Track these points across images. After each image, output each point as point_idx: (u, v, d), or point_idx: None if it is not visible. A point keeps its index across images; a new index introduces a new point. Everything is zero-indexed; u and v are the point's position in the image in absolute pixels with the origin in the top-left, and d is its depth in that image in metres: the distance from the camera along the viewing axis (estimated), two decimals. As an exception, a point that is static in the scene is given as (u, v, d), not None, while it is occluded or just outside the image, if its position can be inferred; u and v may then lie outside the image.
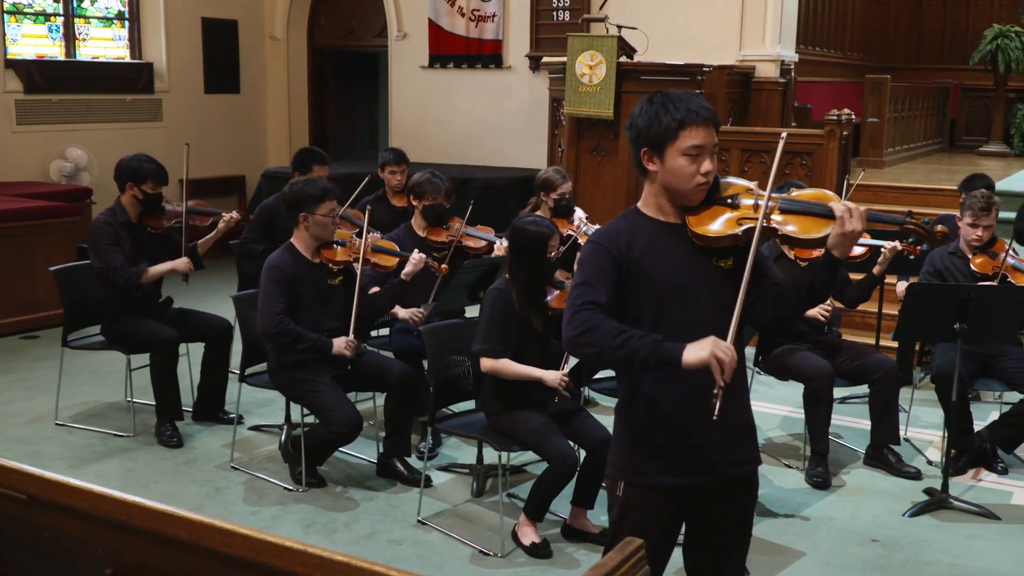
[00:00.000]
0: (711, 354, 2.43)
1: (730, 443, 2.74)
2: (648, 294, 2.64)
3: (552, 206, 6.04)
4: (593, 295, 2.60)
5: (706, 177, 2.61)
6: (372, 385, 5.14)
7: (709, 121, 2.61)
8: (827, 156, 7.77)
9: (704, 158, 2.60)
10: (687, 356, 2.46)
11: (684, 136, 2.58)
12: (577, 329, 2.57)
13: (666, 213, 2.69)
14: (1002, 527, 4.67)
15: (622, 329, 2.54)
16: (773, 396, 6.33)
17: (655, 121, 2.60)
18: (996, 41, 12.01)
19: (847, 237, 2.55)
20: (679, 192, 2.64)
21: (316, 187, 4.88)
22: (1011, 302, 4.85)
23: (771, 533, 4.53)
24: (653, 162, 2.64)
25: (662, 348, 2.50)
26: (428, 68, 11.19)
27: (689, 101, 2.61)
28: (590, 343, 2.56)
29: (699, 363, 2.45)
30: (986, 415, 5.68)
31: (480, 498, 4.88)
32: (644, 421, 2.73)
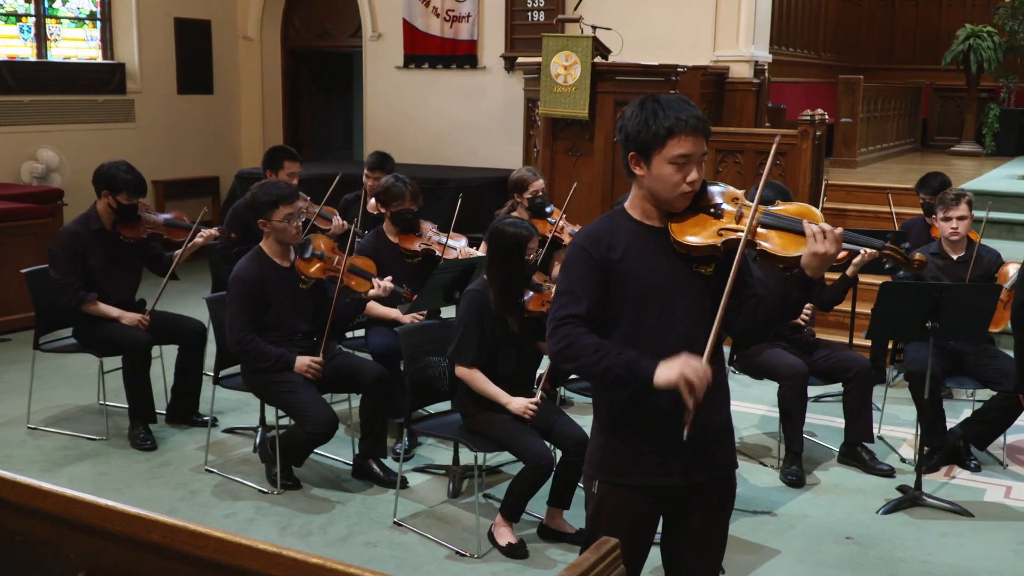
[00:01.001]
0: (680, 375, 2.49)
1: (708, 446, 2.75)
2: (627, 295, 2.65)
3: (527, 205, 6.05)
4: (575, 307, 2.63)
5: (691, 186, 2.62)
6: (347, 386, 5.13)
7: (698, 130, 2.60)
8: (801, 156, 7.82)
9: (691, 167, 2.60)
10: (658, 377, 2.53)
11: (672, 144, 2.58)
12: (559, 344, 2.63)
13: (650, 217, 2.70)
14: (975, 524, 4.72)
15: (599, 346, 2.59)
16: (748, 395, 6.36)
17: (644, 127, 2.61)
18: (968, 41, 12.14)
19: (820, 258, 2.55)
20: (663, 199, 2.65)
21: (271, 193, 4.84)
22: (982, 300, 4.90)
23: (746, 531, 4.56)
24: (640, 167, 2.65)
25: (635, 368, 2.55)
26: (403, 68, 11.17)
27: (680, 109, 2.60)
28: (570, 358, 2.63)
29: (669, 385, 2.51)
30: (959, 412, 5.74)
31: (456, 499, 4.88)
32: (621, 422, 2.75)
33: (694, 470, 2.74)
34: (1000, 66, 12.35)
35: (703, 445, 2.73)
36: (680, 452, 2.70)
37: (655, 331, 2.64)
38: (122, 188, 5.47)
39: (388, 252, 5.64)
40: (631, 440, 2.73)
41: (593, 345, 2.59)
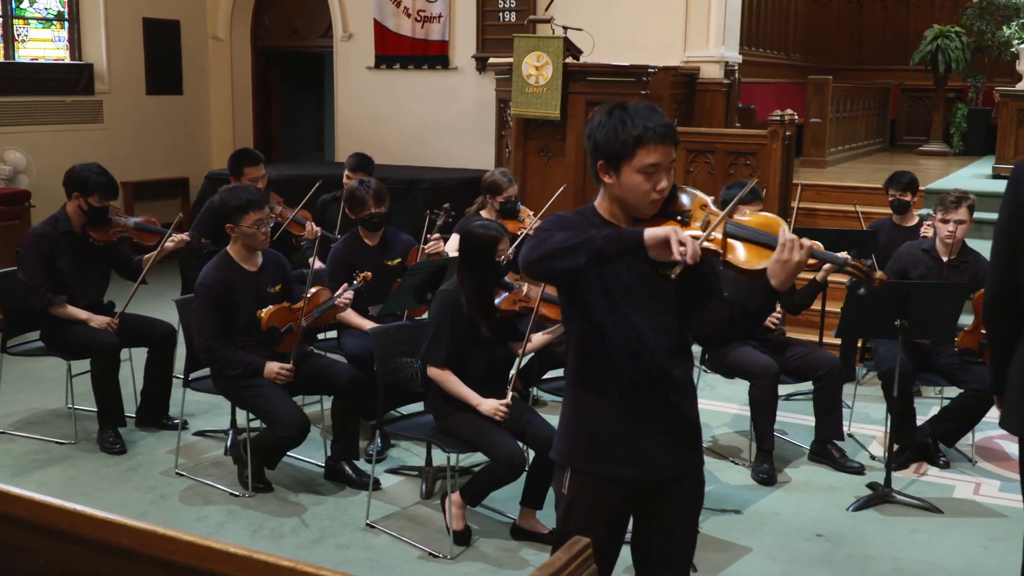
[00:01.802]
0: (674, 230, 2.44)
1: (675, 443, 2.77)
2: (590, 293, 2.67)
3: (498, 208, 6.05)
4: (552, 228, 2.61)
5: (660, 194, 2.63)
6: (319, 388, 5.12)
7: (667, 139, 2.60)
8: (770, 156, 7.88)
9: (660, 175, 2.60)
10: (648, 234, 2.46)
11: (641, 154, 2.58)
12: (534, 241, 2.57)
13: (618, 219, 2.72)
14: (944, 520, 4.77)
15: (577, 235, 2.53)
16: (719, 394, 6.40)
17: (613, 136, 2.60)
18: (936, 42, 12.26)
19: (785, 266, 2.51)
20: (632, 207, 2.66)
21: (240, 198, 4.81)
22: (950, 298, 4.96)
23: (718, 529, 4.59)
24: (609, 175, 2.65)
25: (621, 234, 2.49)
26: (374, 69, 11.15)
27: (648, 118, 2.60)
28: (546, 252, 2.53)
29: (658, 238, 2.44)
30: (927, 410, 5.80)
31: (429, 500, 4.88)
32: (590, 414, 2.76)
33: (661, 466, 2.75)
34: (968, 66, 12.50)
35: (671, 442, 2.75)
36: (649, 447, 2.72)
37: (619, 332, 2.65)
38: (94, 190, 5.43)
39: (364, 255, 5.62)
40: (601, 430, 2.74)
41: (571, 234, 2.53)
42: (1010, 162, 9.48)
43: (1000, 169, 9.45)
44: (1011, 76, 11.78)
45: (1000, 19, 12.34)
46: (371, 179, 5.67)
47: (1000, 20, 12.32)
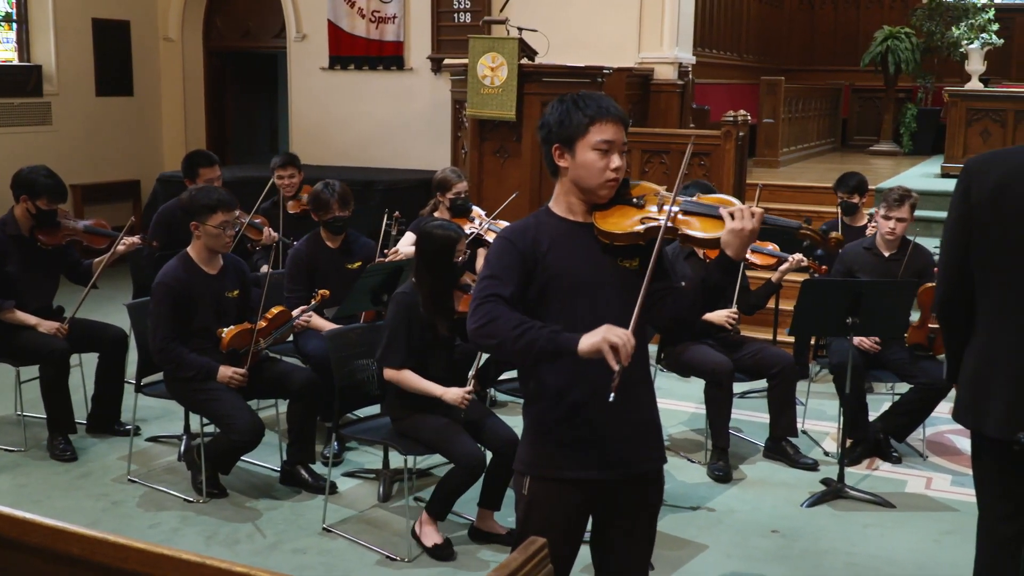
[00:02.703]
0: (603, 339, 2.47)
1: (636, 440, 2.79)
2: (553, 291, 2.69)
3: (449, 205, 6.05)
4: (498, 288, 2.64)
5: (615, 173, 2.68)
6: (274, 392, 5.08)
7: (619, 119, 2.69)
8: (724, 156, 7.95)
9: (613, 153, 2.68)
10: (582, 344, 2.51)
11: (594, 131, 2.66)
12: (479, 321, 2.60)
13: (575, 212, 2.74)
14: (896, 515, 4.84)
15: (521, 321, 2.58)
16: (676, 392, 6.44)
17: (566, 117, 2.68)
18: (886, 43, 12.44)
19: (739, 235, 2.61)
20: (589, 188, 2.70)
21: (211, 197, 4.78)
22: (900, 296, 5.04)
23: (675, 527, 4.62)
24: (564, 158, 2.70)
25: (558, 338, 2.54)
26: (328, 70, 11.09)
27: (600, 100, 2.70)
28: (490, 334, 2.59)
29: (593, 349, 2.49)
30: (879, 406, 5.88)
31: (387, 503, 4.87)
32: (550, 416, 2.77)
33: (623, 464, 2.77)
34: (917, 67, 12.69)
35: (632, 440, 2.77)
36: (610, 446, 2.74)
37: (583, 326, 2.66)
38: (42, 193, 5.35)
39: (326, 258, 5.59)
40: (561, 436, 2.75)
41: (515, 320, 2.58)
42: (959, 161, 9.65)
43: (949, 168, 9.61)
44: (960, 76, 11.99)
45: (949, 20, 12.53)
46: (335, 182, 5.65)
47: (949, 21, 12.52)
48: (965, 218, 2.96)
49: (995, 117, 9.68)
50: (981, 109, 9.75)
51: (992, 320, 2.97)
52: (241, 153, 12.59)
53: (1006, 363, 2.92)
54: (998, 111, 9.69)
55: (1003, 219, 2.87)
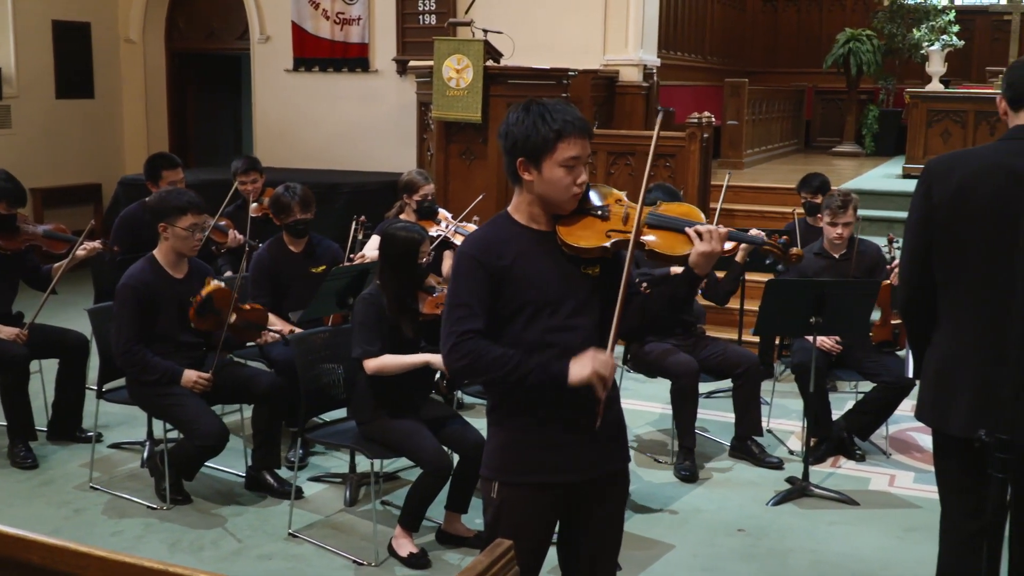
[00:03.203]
0: (593, 371, 2.57)
1: (602, 441, 2.80)
2: (519, 301, 2.68)
3: (415, 208, 6.04)
4: (471, 321, 2.64)
5: (580, 187, 2.68)
6: (238, 397, 5.05)
7: (584, 132, 2.66)
8: (689, 158, 8.00)
9: (580, 169, 2.66)
10: (572, 376, 2.59)
11: (562, 148, 2.63)
12: (462, 361, 2.64)
13: (538, 221, 2.73)
14: (860, 512, 4.89)
15: (507, 358, 2.62)
16: (642, 393, 6.47)
17: (533, 131, 2.64)
18: (848, 45, 12.57)
19: (707, 256, 2.67)
20: (554, 202, 2.69)
21: (180, 199, 4.75)
22: (862, 296, 5.10)
23: (642, 527, 4.64)
24: (529, 172, 2.67)
25: (548, 371, 2.61)
26: (293, 71, 11.03)
27: (565, 112, 2.66)
28: (477, 373, 2.68)
29: (583, 381, 2.58)
30: (843, 404, 5.93)
31: (353, 507, 4.85)
32: (516, 421, 2.77)
33: (591, 466, 2.78)
34: (879, 68, 12.84)
35: (599, 441, 2.78)
36: (577, 449, 2.75)
37: (549, 333, 2.67)
38: (1, 198, 5.28)
39: (289, 263, 5.56)
40: (528, 439, 2.76)
41: (500, 357, 2.61)
42: (920, 162, 9.76)
43: (910, 169, 9.73)
44: (921, 78, 12.14)
45: (910, 22, 12.69)
46: (296, 184, 5.62)
47: (910, 23, 12.67)
48: (927, 219, 3.00)
49: (956, 118, 9.81)
50: (942, 110, 9.87)
51: (954, 319, 3.01)
52: (204, 156, 12.49)
53: (968, 362, 2.96)
54: (959, 112, 9.81)
55: (965, 219, 2.91)
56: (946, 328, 3.04)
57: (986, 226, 2.88)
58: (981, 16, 13.89)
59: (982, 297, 2.92)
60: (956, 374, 2.99)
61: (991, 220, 2.87)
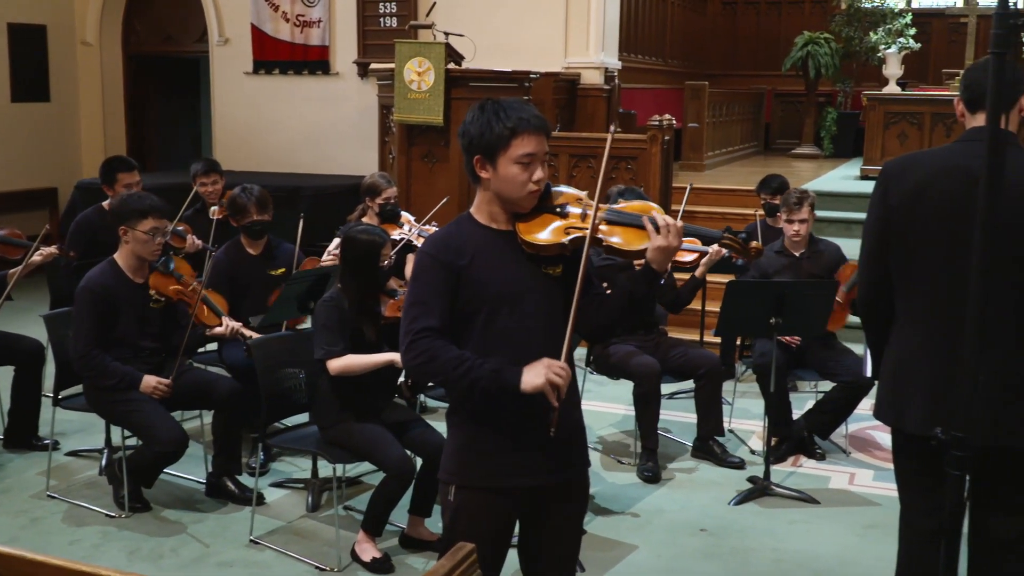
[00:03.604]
0: (546, 380, 2.56)
1: (560, 446, 2.78)
2: (478, 300, 2.67)
3: (378, 211, 6.02)
4: (429, 319, 2.64)
5: (538, 185, 2.67)
6: (198, 402, 5.00)
7: (540, 129, 2.66)
8: (650, 160, 8.04)
9: (536, 166, 2.66)
10: (525, 384, 2.58)
11: (516, 144, 2.63)
12: (417, 359, 2.64)
13: (497, 220, 2.73)
14: (821, 510, 4.94)
15: (461, 359, 2.61)
16: (605, 394, 6.49)
17: (487, 129, 2.64)
18: (807, 48, 12.71)
19: (664, 251, 2.65)
20: (511, 199, 2.69)
21: (142, 202, 4.69)
22: (821, 297, 5.15)
23: (605, 529, 4.65)
24: (486, 169, 2.67)
25: (501, 377, 2.60)
26: (253, 74, 10.97)
27: (521, 109, 2.66)
28: (432, 373, 2.67)
29: (536, 390, 2.57)
30: (803, 404, 5.99)
31: (316, 513, 4.82)
32: (474, 425, 2.76)
33: (549, 470, 2.77)
34: (837, 71, 12.99)
35: (557, 445, 2.77)
36: (534, 453, 2.74)
37: (509, 334, 2.67)
38: None
39: (248, 265, 5.52)
40: (485, 443, 2.75)
41: (455, 359, 2.61)
42: (877, 163, 9.87)
43: (868, 171, 9.84)
44: (878, 80, 12.30)
45: (867, 25, 12.85)
46: (254, 186, 5.58)
47: (867, 26, 12.83)
48: (884, 219, 3.03)
49: (912, 120, 9.94)
50: (898, 112, 10.00)
51: (911, 318, 3.04)
52: (163, 159, 12.38)
53: (924, 361, 2.99)
54: (915, 114, 9.94)
55: (921, 219, 2.94)
56: (903, 327, 3.07)
57: (942, 226, 2.92)
58: (938, 19, 14.09)
59: (937, 296, 2.95)
60: (912, 372, 3.02)
61: (947, 220, 2.91)
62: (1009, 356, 2.90)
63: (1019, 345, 2.92)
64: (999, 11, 2.22)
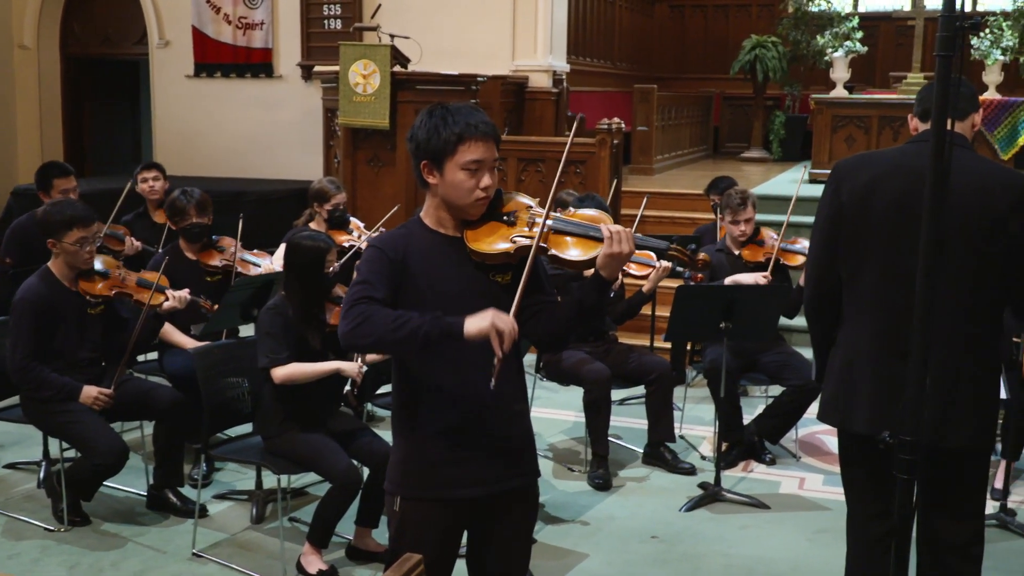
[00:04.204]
0: (491, 324, 2.47)
1: (508, 455, 2.78)
2: (421, 304, 2.65)
3: (326, 217, 5.98)
4: (369, 291, 2.60)
5: (485, 192, 2.66)
6: (139, 413, 4.92)
7: (488, 136, 2.65)
8: (599, 164, 8.07)
9: (483, 172, 2.64)
10: (468, 327, 2.49)
11: (463, 150, 2.62)
12: (353, 322, 2.56)
13: (446, 226, 2.72)
14: (771, 516, 4.98)
15: (398, 314, 2.55)
16: (555, 401, 6.50)
17: (435, 134, 2.63)
18: (754, 51, 12.86)
19: (615, 258, 2.61)
20: (458, 206, 2.68)
21: (64, 213, 4.59)
22: (770, 300, 5.20)
23: (555, 537, 4.65)
24: (433, 175, 2.66)
25: (442, 322, 2.51)
26: (194, 77, 10.86)
27: (469, 115, 2.64)
28: (366, 333, 2.55)
29: (479, 333, 2.48)
30: (754, 409, 6.04)
31: (260, 525, 4.76)
32: (419, 434, 2.75)
33: (495, 479, 2.76)
34: (785, 75, 13.15)
35: (504, 455, 2.77)
36: (480, 462, 2.73)
37: (452, 346, 2.65)
38: None
39: (186, 270, 5.44)
40: (430, 453, 2.73)
41: (392, 315, 2.54)
42: (826, 167, 10.00)
43: (816, 174, 9.95)
44: (826, 84, 12.46)
45: (815, 28, 13.02)
46: (195, 188, 5.51)
47: (815, 30, 13.00)
48: (834, 217, 3.07)
49: (859, 123, 10.07)
50: (846, 116, 10.13)
51: (857, 317, 3.09)
52: (102, 164, 12.21)
53: (868, 360, 3.04)
54: (862, 117, 10.08)
55: (870, 217, 2.99)
56: (849, 326, 3.12)
57: (890, 224, 2.97)
58: (885, 22, 14.31)
59: (884, 296, 3.00)
60: (857, 373, 3.06)
61: (895, 219, 2.95)
62: (956, 357, 2.95)
63: (967, 346, 2.97)
64: (945, 14, 2.26)
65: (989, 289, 2.97)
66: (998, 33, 11.42)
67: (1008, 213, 2.92)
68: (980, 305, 2.98)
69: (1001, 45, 11.38)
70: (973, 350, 2.98)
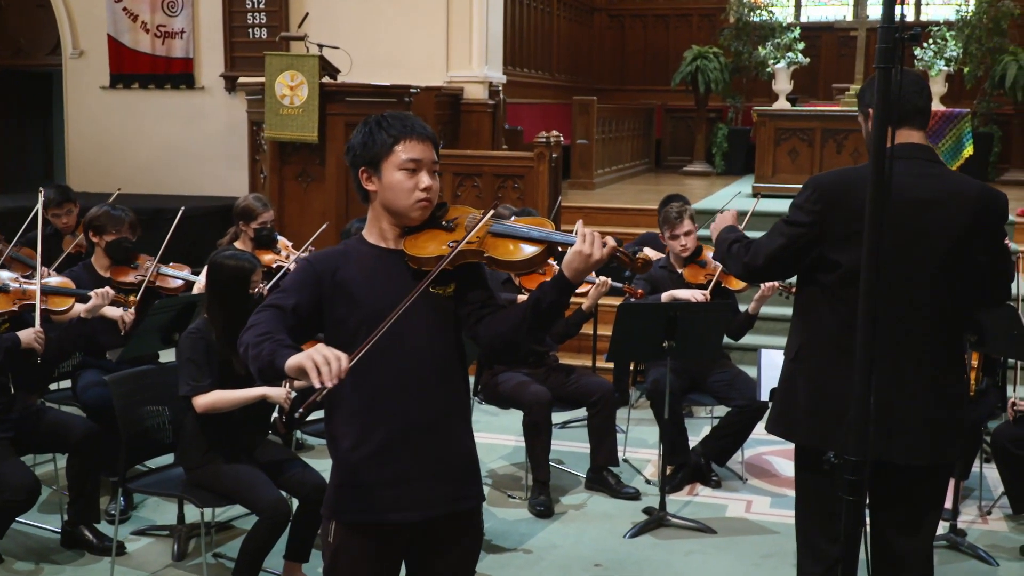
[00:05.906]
0: (308, 357, 2.37)
1: (448, 477, 2.77)
2: (355, 317, 2.67)
3: (252, 236, 5.92)
4: (279, 300, 2.64)
5: (426, 193, 2.69)
6: (51, 445, 4.83)
7: (425, 137, 2.72)
8: (538, 178, 8.12)
9: (421, 172, 2.69)
10: (289, 361, 2.41)
11: (399, 150, 2.67)
12: (246, 330, 2.57)
13: (387, 238, 2.75)
14: (718, 540, 5.02)
15: (269, 333, 2.52)
16: (495, 425, 6.49)
17: (371, 139, 2.70)
18: (695, 63, 13.04)
19: (582, 259, 2.58)
20: (399, 210, 2.70)
21: None
22: (714, 318, 5.26)
23: (495, 567, 4.64)
24: (372, 181, 2.71)
25: (276, 354, 2.46)
26: (110, 89, 10.72)
27: (405, 119, 2.73)
28: (242, 342, 2.56)
29: (296, 366, 2.39)
30: (700, 430, 6.09)
31: (183, 562, 4.69)
32: (353, 456, 2.72)
33: (436, 504, 2.75)
34: (727, 86, 13.36)
35: (444, 478, 2.76)
36: (419, 485, 2.71)
37: (389, 355, 2.63)
38: None
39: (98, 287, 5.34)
40: (366, 475, 2.72)
41: (264, 331, 2.53)
42: (769, 180, 10.17)
43: (760, 188, 10.10)
44: (768, 96, 12.68)
45: (756, 39, 13.23)
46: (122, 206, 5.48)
47: (756, 40, 13.21)
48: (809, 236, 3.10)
49: (803, 136, 10.26)
50: (789, 128, 10.31)
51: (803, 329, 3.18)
52: (11, 180, 11.99)
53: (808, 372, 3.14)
54: (806, 130, 10.27)
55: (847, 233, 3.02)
56: (795, 338, 3.21)
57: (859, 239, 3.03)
58: (827, 32, 14.58)
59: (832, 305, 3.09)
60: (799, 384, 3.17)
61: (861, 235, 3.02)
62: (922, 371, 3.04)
63: (916, 361, 3.05)
64: (884, 24, 2.31)
65: (953, 301, 3.08)
66: (941, 43, 11.73)
67: (972, 223, 3.02)
68: (943, 318, 3.07)
69: (945, 55, 11.70)
70: (936, 363, 3.08)
